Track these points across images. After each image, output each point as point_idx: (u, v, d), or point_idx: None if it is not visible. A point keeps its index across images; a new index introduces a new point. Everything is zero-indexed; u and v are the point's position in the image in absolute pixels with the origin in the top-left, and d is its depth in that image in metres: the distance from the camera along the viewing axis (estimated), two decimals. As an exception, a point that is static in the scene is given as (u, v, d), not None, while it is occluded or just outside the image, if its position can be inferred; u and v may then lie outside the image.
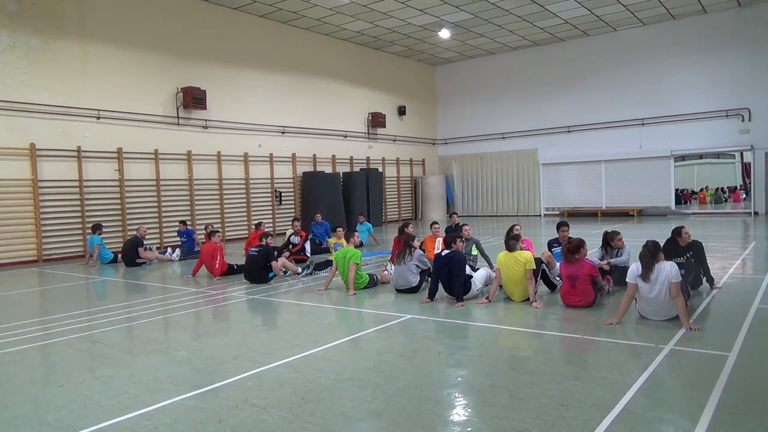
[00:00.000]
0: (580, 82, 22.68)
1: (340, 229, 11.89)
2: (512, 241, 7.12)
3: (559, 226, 8.69)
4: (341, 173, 20.94)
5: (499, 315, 6.71)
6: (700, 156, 28.06)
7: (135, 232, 13.10)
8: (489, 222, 21.62)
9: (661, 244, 5.98)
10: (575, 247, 6.66)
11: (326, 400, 4.05)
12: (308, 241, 12.09)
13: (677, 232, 7.30)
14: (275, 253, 9.78)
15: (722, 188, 32.00)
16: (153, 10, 15.62)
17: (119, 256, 12.89)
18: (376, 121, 22.78)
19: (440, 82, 26.58)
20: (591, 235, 12.81)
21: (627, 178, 21.80)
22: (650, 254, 5.71)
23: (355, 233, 9.18)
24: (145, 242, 12.92)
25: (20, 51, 13.04)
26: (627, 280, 5.89)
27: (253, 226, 14.90)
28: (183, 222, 14.32)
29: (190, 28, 16.45)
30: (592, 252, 8.27)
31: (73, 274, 11.44)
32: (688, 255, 7.13)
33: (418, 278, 7.99)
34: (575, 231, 9.40)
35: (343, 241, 10.90)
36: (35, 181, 13.18)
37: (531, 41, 22.79)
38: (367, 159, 22.76)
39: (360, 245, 12.25)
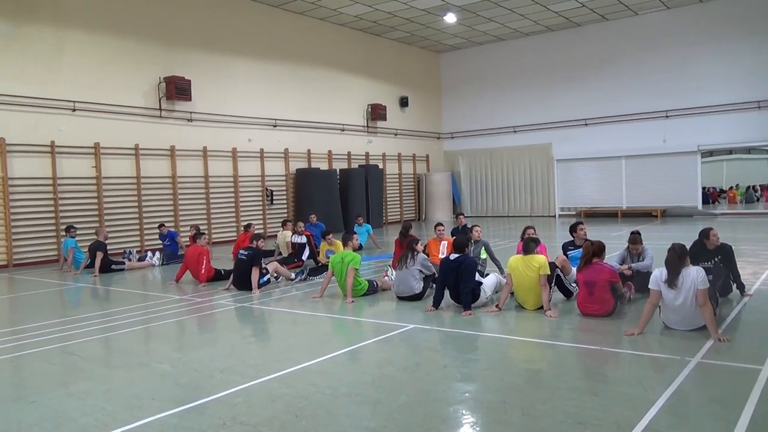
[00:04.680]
0: (598, 70, 22.67)
1: (332, 236, 11.68)
2: (531, 244, 7.13)
3: (574, 226, 8.68)
4: (338, 170, 20.95)
5: (510, 324, 6.71)
6: (730, 151, 28.10)
7: (95, 236, 12.49)
8: (499, 223, 21.62)
9: (687, 248, 5.97)
10: (599, 249, 6.70)
11: (321, 418, 4.05)
12: (308, 246, 12.04)
13: (705, 234, 7.31)
14: (262, 257, 9.73)
15: (753, 186, 31.97)
16: (133, -7, 15.64)
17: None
18: (376, 113, 22.79)
19: (446, 70, 26.57)
20: (610, 238, 12.80)
21: (649, 176, 21.78)
22: (677, 259, 5.70)
23: (354, 235, 9.17)
24: (108, 245, 12.61)
25: (-11, 37, 13.06)
26: (650, 286, 5.88)
27: (242, 228, 14.90)
28: (162, 224, 14.26)
29: (173, 13, 16.46)
30: (612, 255, 8.26)
31: (47, 280, 11.44)
32: (716, 259, 7.13)
33: (422, 284, 7.99)
34: (593, 234, 9.39)
35: (337, 247, 10.84)
36: (5, 179, 13.17)
37: (544, 26, 22.78)
38: (366, 155, 22.77)
39: (359, 248, 12.25)
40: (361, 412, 4.12)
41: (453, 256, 7.35)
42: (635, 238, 7.79)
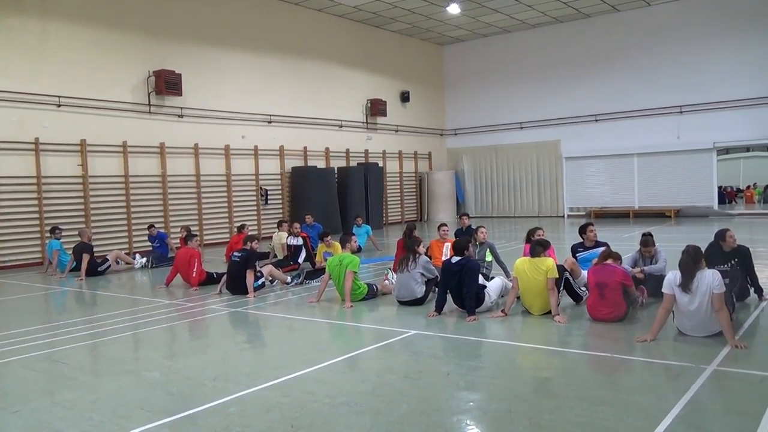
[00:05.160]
0: (608, 64, 22.67)
1: (330, 238, 11.48)
2: (538, 247, 7.13)
3: (584, 227, 8.69)
4: (336, 168, 20.95)
5: (516, 330, 6.71)
6: (747, 149, 28.00)
7: (79, 237, 12.52)
8: (505, 224, 21.63)
9: (703, 250, 5.97)
10: (617, 255, 6.95)
11: (319, 428, 4.05)
12: (304, 248, 12.04)
13: (721, 235, 7.32)
14: (256, 259, 9.72)
15: (772, 185, 31.94)
16: (121, -17, 15.65)
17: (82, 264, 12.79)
18: (376, 108, 22.80)
19: (449, 64, 26.59)
20: (621, 240, 12.82)
21: (663, 174, 21.77)
22: (692, 261, 5.70)
23: (353, 237, 9.18)
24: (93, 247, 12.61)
25: (-30, 29, 13.08)
26: (663, 290, 5.88)
27: (236, 229, 14.92)
28: (152, 225, 14.27)
29: (163, 3, 16.46)
30: (624, 258, 8.26)
31: (31, 284, 11.44)
32: (732, 262, 7.14)
33: (424, 288, 7.99)
34: (603, 235, 9.41)
35: (335, 249, 10.82)
36: (-13, 178, 13.21)
37: (552, 18, 22.79)
38: (366, 152, 22.78)
39: (358, 250, 12.25)
40: (360, 422, 4.12)
41: (455, 259, 7.35)
42: (647, 240, 7.79)
